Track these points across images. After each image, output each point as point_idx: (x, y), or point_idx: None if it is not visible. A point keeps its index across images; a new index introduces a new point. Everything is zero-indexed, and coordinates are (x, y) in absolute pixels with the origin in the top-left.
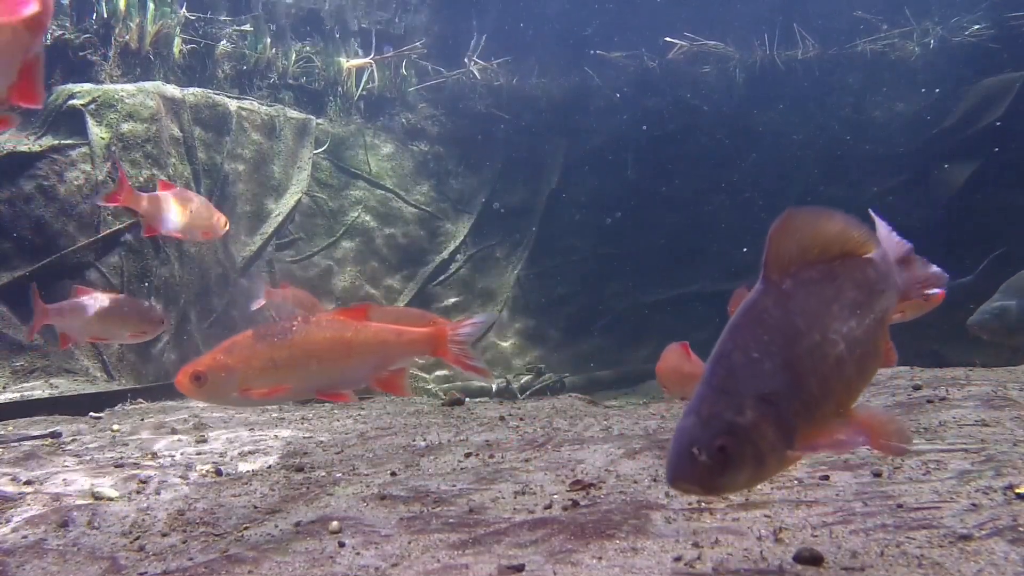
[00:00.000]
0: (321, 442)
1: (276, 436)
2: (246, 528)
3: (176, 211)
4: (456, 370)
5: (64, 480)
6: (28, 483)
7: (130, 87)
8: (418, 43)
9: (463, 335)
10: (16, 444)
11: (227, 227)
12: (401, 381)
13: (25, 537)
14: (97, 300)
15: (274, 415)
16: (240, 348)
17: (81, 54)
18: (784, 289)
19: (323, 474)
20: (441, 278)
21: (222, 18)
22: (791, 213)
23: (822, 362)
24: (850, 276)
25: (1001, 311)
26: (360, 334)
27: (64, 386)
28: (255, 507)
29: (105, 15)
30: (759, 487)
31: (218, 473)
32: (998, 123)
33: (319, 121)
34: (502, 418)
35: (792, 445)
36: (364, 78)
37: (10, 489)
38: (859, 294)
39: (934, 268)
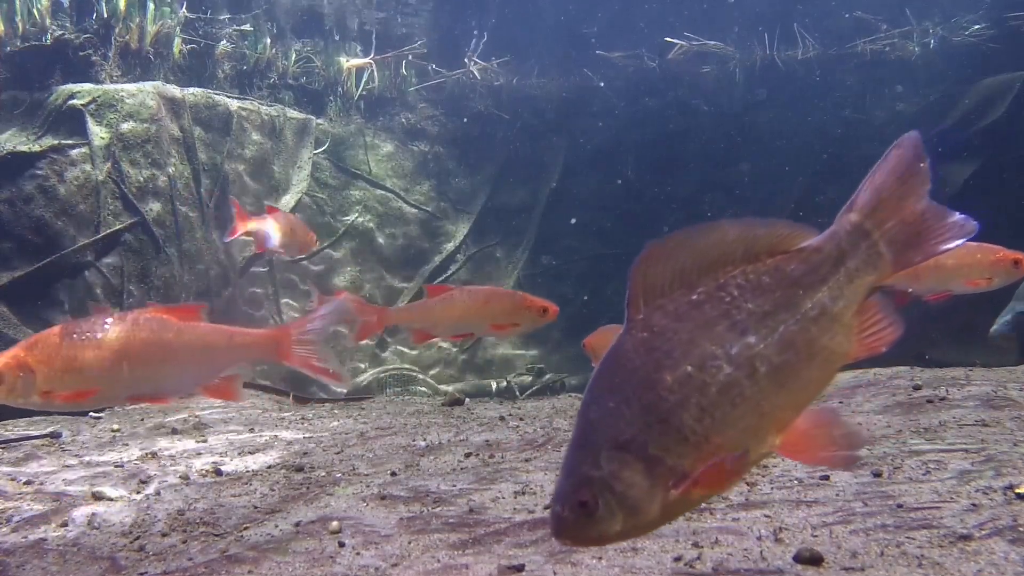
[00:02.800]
0: (321, 442)
1: (276, 436)
2: (246, 528)
3: (279, 231)
4: (455, 370)
5: (64, 480)
6: (28, 483)
7: (130, 87)
8: (418, 43)
9: (311, 334)
10: (16, 444)
11: (316, 243)
12: (233, 389)
13: (25, 537)
14: None
15: (274, 415)
16: (43, 346)
17: (81, 54)
18: (651, 325)
19: (323, 474)
20: (441, 278)
21: (222, 18)
22: (652, 245)
23: (699, 392)
24: (751, 284)
25: None
26: (183, 336)
27: None
28: (255, 507)
29: (105, 15)
30: (761, 490)
31: (218, 473)
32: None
33: (319, 121)
34: (502, 418)
35: (677, 485)
36: (364, 78)
37: (10, 489)
38: (765, 301)
39: (956, 217)
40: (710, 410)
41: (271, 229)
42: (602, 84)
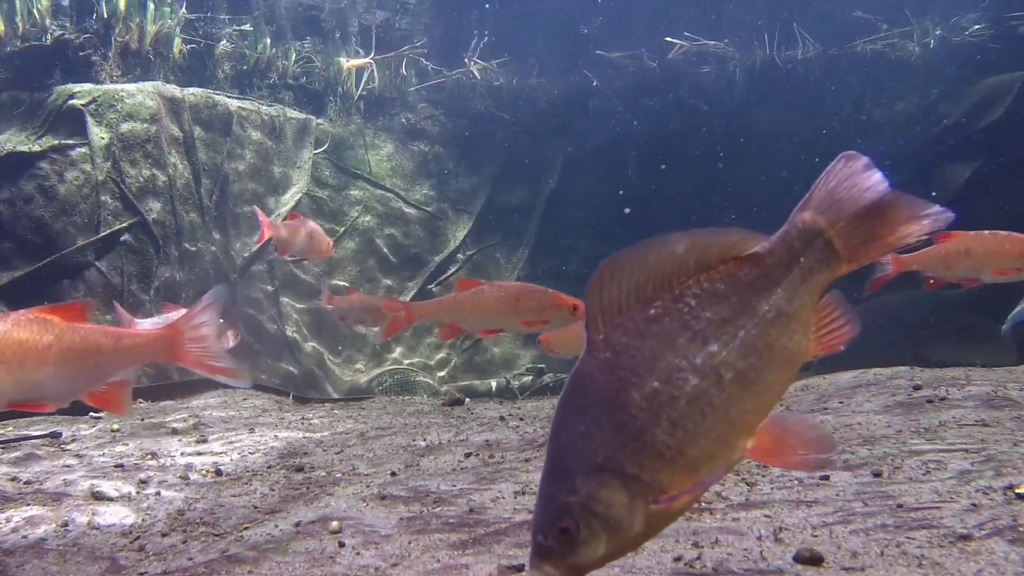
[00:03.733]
0: (321, 442)
1: (276, 436)
2: (246, 528)
3: (302, 238)
4: (455, 370)
5: (64, 480)
6: (28, 483)
7: (130, 87)
8: (418, 43)
9: (201, 329)
10: (16, 444)
11: (332, 250)
12: (121, 397)
13: (25, 537)
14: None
15: (274, 415)
16: None
17: (81, 54)
18: (612, 344)
19: (323, 474)
20: (441, 278)
21: (222, 18)
22: (608, 261)
23: (669, 407)
24: (707, 293)
25: None
26: (64, 338)
27: None
28: (255, 507)
29: (105, 15)
30: (761, 490)
31: (218, 473)
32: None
33: (319, 121)
34: (502, 418)
35: (657, 500)
36: (364, 78)
37: (10, 489)
38: (722, 308)
39: (931, 210)
40: (681, 423)
41: (295, 236)
42: (600, 84)
